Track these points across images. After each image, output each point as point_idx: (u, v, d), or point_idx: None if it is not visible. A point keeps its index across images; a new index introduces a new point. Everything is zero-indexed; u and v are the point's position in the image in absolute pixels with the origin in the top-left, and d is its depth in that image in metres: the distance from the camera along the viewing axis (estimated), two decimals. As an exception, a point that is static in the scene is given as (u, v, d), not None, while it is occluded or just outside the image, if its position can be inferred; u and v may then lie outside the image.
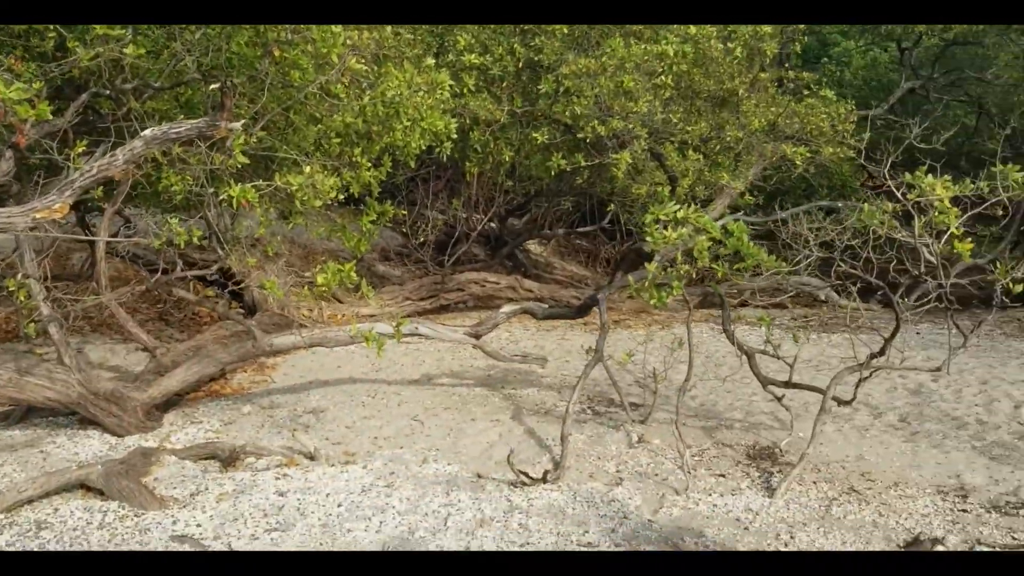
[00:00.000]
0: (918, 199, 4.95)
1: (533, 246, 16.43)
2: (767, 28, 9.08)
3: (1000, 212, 5.01)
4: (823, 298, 12.65)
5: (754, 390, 7.53)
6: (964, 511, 4.86)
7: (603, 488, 5.31)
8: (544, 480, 5.34)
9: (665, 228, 5.75)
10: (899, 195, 4.83)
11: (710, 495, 5.18)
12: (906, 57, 16.06)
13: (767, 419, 6.75)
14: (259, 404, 7.21)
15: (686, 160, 9.38)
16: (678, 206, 5.84)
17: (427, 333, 7.09)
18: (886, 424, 6.59)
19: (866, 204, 5.22)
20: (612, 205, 12.55)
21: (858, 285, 5.52)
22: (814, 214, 6.25)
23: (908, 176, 5.02)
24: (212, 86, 4.91)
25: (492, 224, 13.57)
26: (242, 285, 8.66)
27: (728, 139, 9.44)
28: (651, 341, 10.11)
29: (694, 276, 5.88)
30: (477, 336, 7.32)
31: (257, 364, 8.35)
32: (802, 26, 10.57)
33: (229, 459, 5.85)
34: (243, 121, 4.98)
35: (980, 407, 7.00)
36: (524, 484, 5.31)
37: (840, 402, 5.94)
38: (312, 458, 5.87)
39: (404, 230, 11.73)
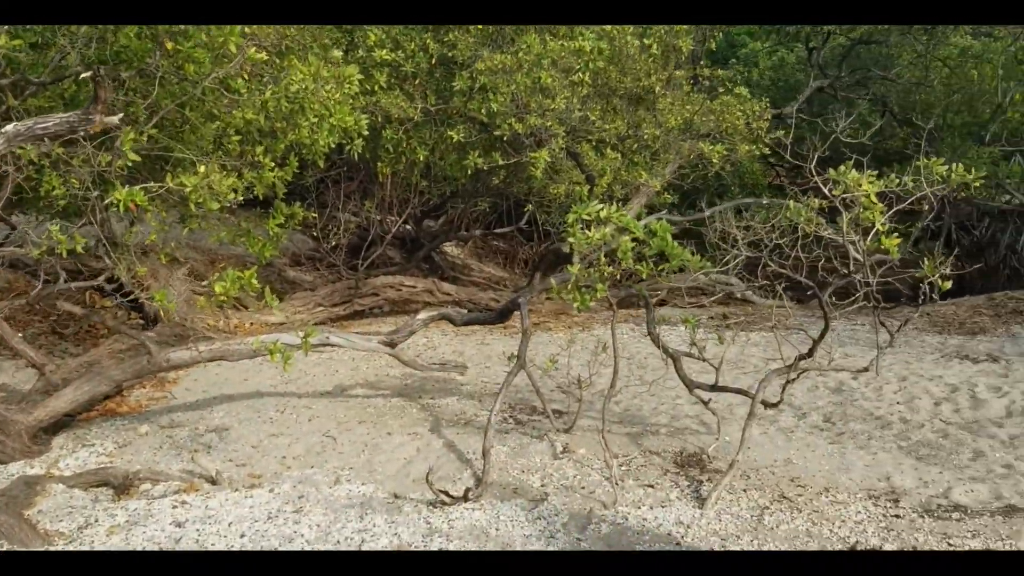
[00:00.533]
0: (843, 195, 4.82)
1: (450, 248, 16.10)
2: (682, 25, 8.96)
3: (926, 207, 4.90)
4: (740, 296, 12.69)
5: (678, 393, 7.36)
6: (897, 516, 4.73)
7: (528, 504, 5.03)
8: (465, 498, 5.03)
9: (587, 228, 5.53)
10: (825, 191, 4.67)
11: (639, 508, 4.94)
12: (814, 56, 16.26)
13: (693, 423, 6.57)
14: (158, 423, 6.72)
15: (604, 159, 9.19)
16: (601, 205, 5.62)
17: (338, 343, 6.71)
18: (811, 425, 6.47)
19: (791, 201, 5.06)
20: (530, 205, 12.33)
21: (784, 284, 5.36)
22: (743, 212, 6.09)
23: (833, 172, 4.89)
24: (83, 75, 4.45)
25: (407, 226, 13.20)
26: (141, 296, 8.12)
27: (646, 137, 9.28)
28: (573, 344, 9.90)
29: (619, 277, 5.66)
30: (392, 344, 6.96)
31: (157, 379, 7.83)
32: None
33: (123, 486, 5.39)
34: (120, 115, 4.52)
35: (902, 405, 6.95)
36: (444, 504, 4.99)
37: (767, 405, 5.79)
38: (214, 482, 5.44)
39: (315, 234, 11.27)
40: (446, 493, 5.05)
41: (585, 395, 6.58)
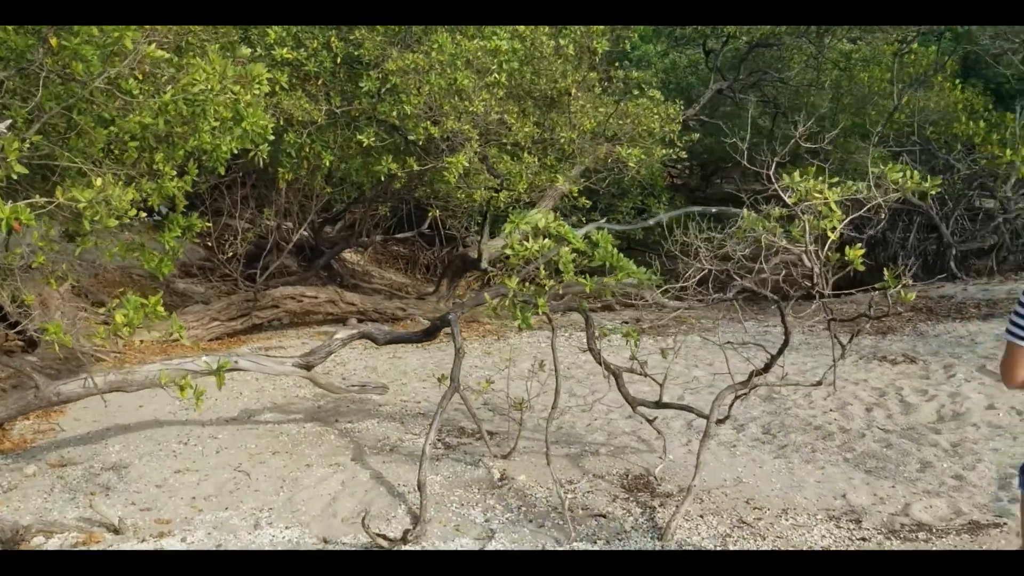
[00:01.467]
0: (800, 202, 4.60)
1: (348, 254, 15.51)
2: (598, 26, 8.70)
3: (883, 215, 4.73)
4: (651, 302, 12.55)
5: (610, 407, 7.08)
6: (863, 539, 4.53)
7: (474, 544, 4.62)
8: (404, 541, 4.57)
9: (525, 239, 5.17)
10: (786, 199, 4.43)
11: (595, 543, 4.59)
12: (711, 59, 16.34)
13: (631, 441, 6.28)
14: (46, 461, 6.00)
15: (520, 163, 8.86)
16: (539, 214, 5.26)
17: (248, 367, 6.14)
18: (751, 438, 6.28)
19: (745, 210, 4.81)
20: (436, 211, 11.90)
21: (743, 295, 5.12)
22: (700, 222, 5.83)
23: (787, 178, 4.66)
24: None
25: (305, 233, 12.57)
26: (28, 327, 7.29)
27: (561, 140, 8.99)
28: (490, 355, 9.53)
29: (554, 287, 5.30)
30: (308, 367, 6.43)
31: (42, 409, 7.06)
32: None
33: (12, 541, 4.71)
34: (7, 122, 3.90)
35: (835, 412, 6.85)
36: (381, 548, 4.53)
37: (703, 416, 5.52)
38: (116, 531, 4.82)
39: (208, 243, 10.54)
40: (384, 536, 4.58)
41: (517, 415, 6.20)
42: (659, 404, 5.62)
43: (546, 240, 5.17)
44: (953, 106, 16.53)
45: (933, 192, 4.56)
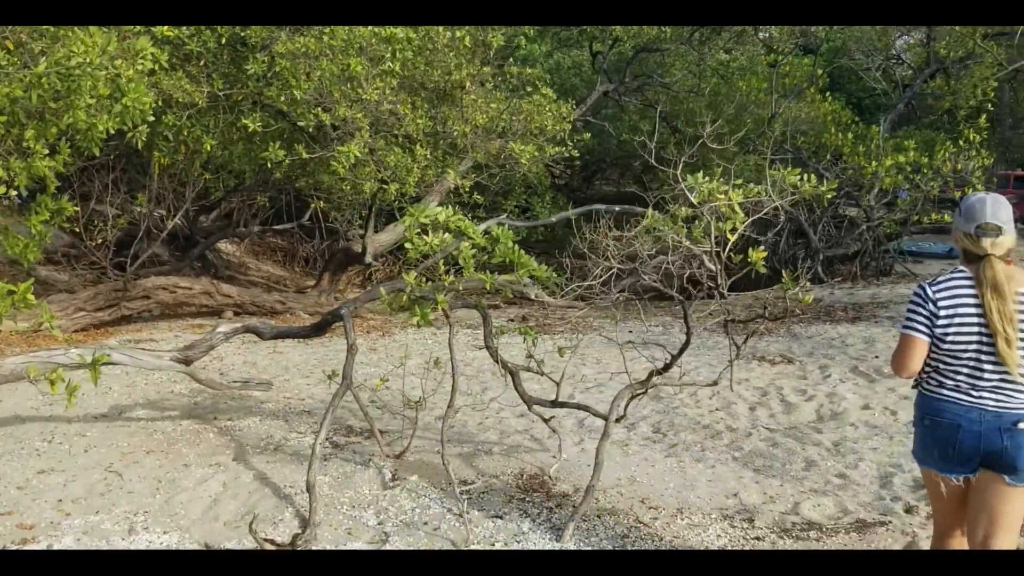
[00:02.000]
0: (704, 203, 4.62)
1: (224, 245, 14.95)
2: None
3: (783, 216, 4.80)
4: (533, 297, 12.55)
5: (502, 405, 7.01)
6: (758, 539, 4.58)
7: (368, 548, 4.44)
8: (294, 545, 4.36)
9: (425, 233, 5.02)
10: (692, 199, 4.44)
11: (493, 544, 4.49)
12: (598, 61, 16.53)
13: (524, 440, 6.22)
14: None
15: (411, 156, 8.68)
16: (439, 208, 5.12)
17: (123, 361, 5.76)
18: (642, 437, 6.31)
19: (650, 209, 4.80)
20: (319, 202, 11.59)
21: (647, 293, 5.11)
22: (603, 219, 5.79)
23: (691, 178, 4.67)
24: None
25: (179, 221, 12.02)
26: None
27: (454, 134, 8.85)
28: (375, 351, 9.31)
29: (459, 288, 5.17)
30: (187, 362, 6.09)
31: None
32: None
33: None
34: None
35: (721, 411, 6.97)
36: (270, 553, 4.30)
37: (601, 417, 5.51)
38: (-28, 539, 4.43)
39: (75, 228, 9.92)
40: (271, 541, 4.36)
41: (410, 413, 6.04)
42: (555, 403, 5.56)
43: (446, 235, 5.04)
44: (823, 117, 17.26)
45: (829, 196, 4.66)
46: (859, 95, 26.47)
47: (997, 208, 3.16)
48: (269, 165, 7.99)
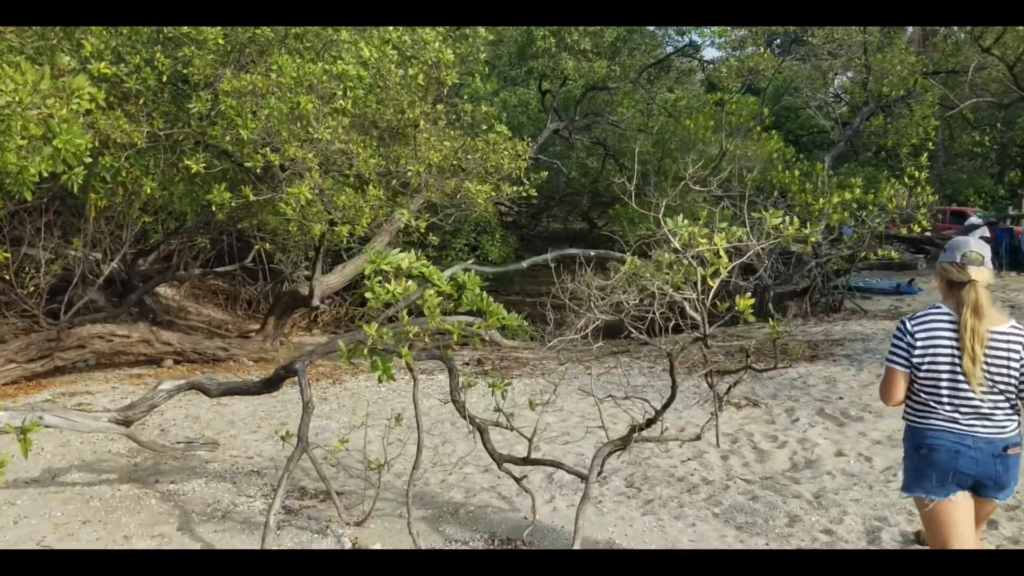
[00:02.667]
0: (687, 248, 4.38)
1: (163, 289, 14.36)
2: (449, 55, 8.34)
3: (766, 261, 4.58)
4: (487, 338, 12.22)
5: (466, 460, 6.64)
6: (750, 605, 4.29)
7: (332, 630, 4.05)
8: (250, 629, 3.94)
9: (387, 280, 4.70)
10: (676, 244, 4.19)
11: (469, 621, 4.13)
12: (548, 99, 16.42)
13: (492, 498, 5.86)
14: None
15: (363, 196, 8.34)
16: (403, 255, 4.80)
17: (57, 424, 5.29)
18: (616, 492, 6.00)
19: (629, 255, 4.55)
20: (264, 243, 11.17)
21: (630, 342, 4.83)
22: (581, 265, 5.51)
23: (670, 222, 4.44)
24: None
25: (116, 266, 11.47)
26: None
27: (408, 173, 8.55)
28: (326, 401, 8.89)
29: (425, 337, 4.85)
30: (127, 423, 5.63)
31: None
32: (483, 56, 10.03)
33: None
34: None
35: (693, 460, 6.71)
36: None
37: (580, 476, 5.21)
38: None
39: (5, 275, 9.34)
40: (225, 625, 3.94)
41: (372, 476, 5.65)
42: (527, 460, 5.23)
43: (409, 282, 4.73)
44: (769, 155, 17.36)
45: (812, 239, 4.46)
46: (798, 132, 26.90)
47: (979, 244, 3.58)
48: (214, 207, 7.57)
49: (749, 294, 4.30)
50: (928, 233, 18.47)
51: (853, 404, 8.19)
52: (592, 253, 8.26)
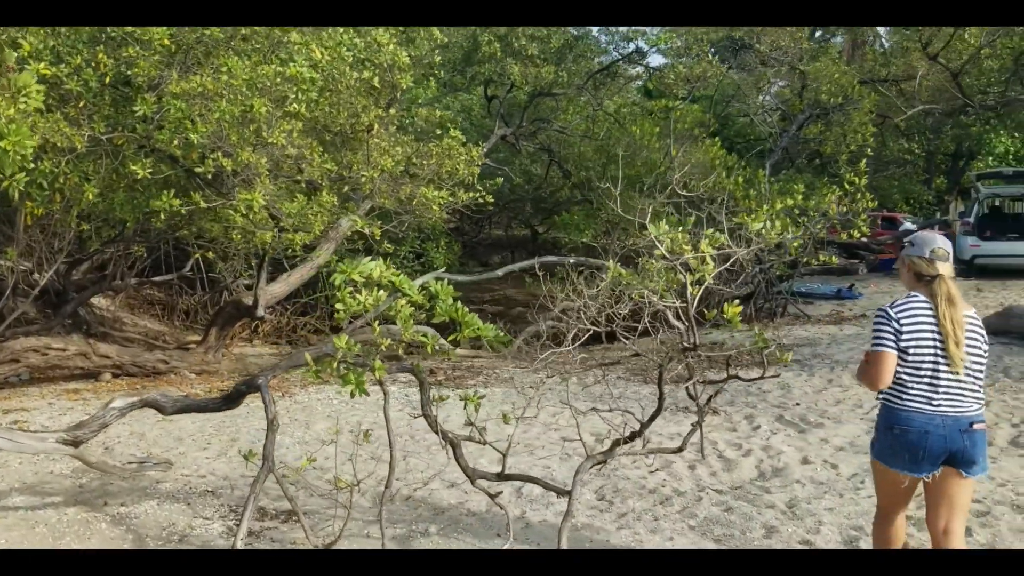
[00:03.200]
0: (668, 255, 4.28)
1: (97, 299, 13.82)
2: (404, 58, 8.14)
3: (748, 267, 4.50)
4: (437, 348, 12.02)
5: (430, 474, 6.44)
6: (739, 621, 4.19)
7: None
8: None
9: (358, 291, 4.50)
10: (663, 251, 4.08)
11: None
12: (495, 105, 16.29)
13: (460, 514, 5.68)
14: None
15: (315, 202, 8.09)
16: (373, 264, 4.60)
17: (1, 446, 4.95)
18: (588, 506, 5.86)
19: (611, 262, 4.42)
20: (208, 251, 10.81)
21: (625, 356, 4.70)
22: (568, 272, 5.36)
23: (652, 227, 4.33)
24: None
25: (51, 276, 10.98)
26: None
27: (362, 179, 8.32)
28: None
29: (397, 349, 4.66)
30: (76, 444, 5.30)
31: None
32: (438, 59, 9.84)
33: None
34: None
35: (662, 471, 6.61)
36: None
37: (560, 492, 5.07)
38: None
39: (-69, 288, 8.86)
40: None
41: (343, 496, 5.41)
42: (501, 476, 5.06)
43: (380, 292, 4.54)
44: (712, 161, 17.49)
45: (796, 245, 4.40)
46: (734, 140, 27.27)
47: (945, 240, 3.89)
48: (162, 215, 7.25)
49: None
50: (864, 239, 18.83)
51: (810, 410, 8.19)
52: (571, 260, 8.14)
